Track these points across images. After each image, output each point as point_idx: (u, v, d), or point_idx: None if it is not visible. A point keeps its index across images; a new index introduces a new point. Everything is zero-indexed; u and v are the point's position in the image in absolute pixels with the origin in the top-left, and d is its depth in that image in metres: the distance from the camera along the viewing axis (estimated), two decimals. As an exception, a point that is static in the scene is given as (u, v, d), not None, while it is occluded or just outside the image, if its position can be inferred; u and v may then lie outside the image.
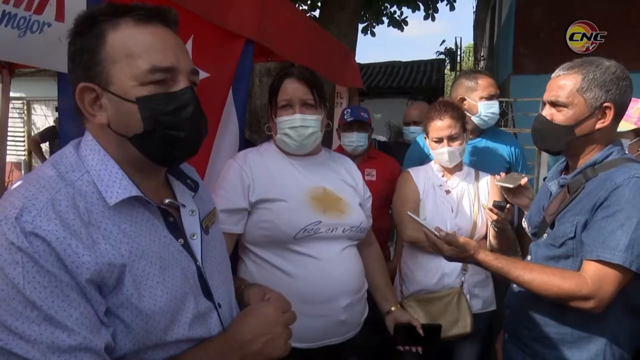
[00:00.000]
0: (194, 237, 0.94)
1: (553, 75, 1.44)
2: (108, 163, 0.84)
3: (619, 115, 1.38)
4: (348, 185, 1.68)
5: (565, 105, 1.38)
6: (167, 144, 0.86)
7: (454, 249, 1.48)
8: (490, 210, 1.82)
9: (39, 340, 0.69)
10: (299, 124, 1.53)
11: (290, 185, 1.54)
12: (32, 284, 0.69)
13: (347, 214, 1.57)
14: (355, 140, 2.61)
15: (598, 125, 1.37)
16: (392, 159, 2.82)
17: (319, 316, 1.48)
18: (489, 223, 1.94)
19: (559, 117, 1.40)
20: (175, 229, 0.91)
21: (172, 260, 0.86)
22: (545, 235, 1.46)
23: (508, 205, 1.82)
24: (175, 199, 0.95)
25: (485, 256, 1.44)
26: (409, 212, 1.59)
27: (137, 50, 0.82)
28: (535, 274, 1.33)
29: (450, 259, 1.53)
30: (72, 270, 0.73)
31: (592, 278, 1.26)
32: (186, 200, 0.97)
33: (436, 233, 1.50)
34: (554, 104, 1.41)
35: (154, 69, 0.83)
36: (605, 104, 1.35)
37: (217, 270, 0.98)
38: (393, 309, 1.74)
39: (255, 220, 1.51)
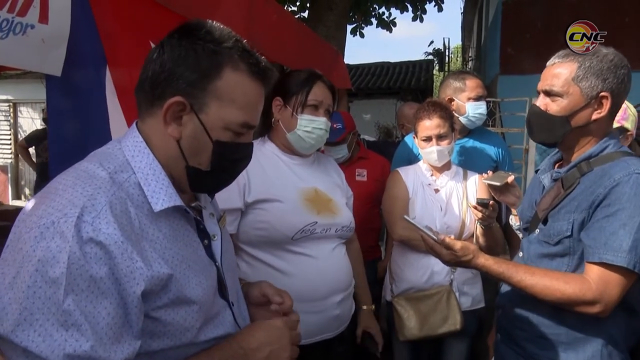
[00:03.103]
0: (215, 238, 0.98)
1: (548, 63, 1.38)
2: (156, 168, 0.86)
3: (616, 105, 1.32)
4: (336, 186, 1.71)
5: (559, 95, 1.32)
6: (215, 184, 0.95)
7: (452, 254, 1.42)
8: (475, 207, 1.84)
9: (62, 346, 0.68)
10: (324, 127, 1.59)
11: (285, 185, 1.56)
12: (71, 285, 0.69)
13: (339, 214, 1.61)
14: (333, 154, 2.54)
15: (594, 116, 1.31)
16: (383, 159, 2.81)
17: (314, 312, 1.50)
18: (476, 221, 1.96)
19: (554, 107, 1.34)
20: (202, 232, 0.94)
21: (202, 263, 0.90)
22: (537, 230, 1.41)
23: (492, 202, 1.83)
24: (198, 202, 0.99)
25: (485, 260, 1.38)
26: (405, 217, 1.58)
27: (241, 102, 0.87)
28: (538, 279, 1.27)
29: (448, 263, 1.48)
30: (126, 274, 0.73)
31: (596, 282, 1.20)
32: (206, 204, 1.01)
33: (434, 237, 1.46)
34: (548, 93, 1.35)
35: (246, 124, 0.89)
36: (602, 94, 1.28)
37: (230, 270, 1.03)
38: (365, 307, 1.81)
39: (250, 221, 1.52)
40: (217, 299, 0.94)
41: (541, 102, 1.38)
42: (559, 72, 1.33)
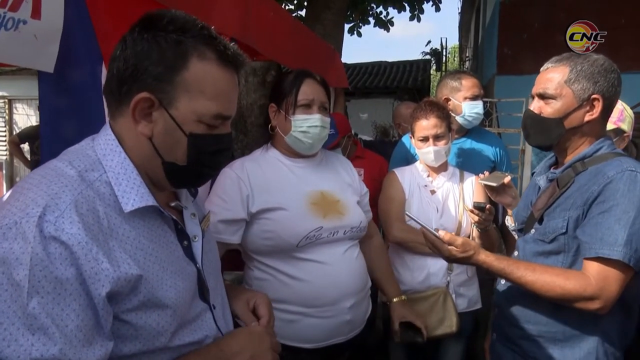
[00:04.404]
0: (196, 240, 0.95)
1: (542, 68, 1.43)
2: (128, 167, 0.83)
3: (608, 107, 1.37)
4: (346, 185, 1.69)
5: (553, 97, 1.37)
6: (196, 177, 0.91)
7: (452, 250, 1.44)
8: (471, 211, 1.84)
9: (28, 351, 0.66)
10: (319, 124, 1.56)
11: (289, 192, 1.54)
12: (36, 288, 0.67)
13: (347, 215, 1.59)
14: None
15: (587, 118, 1.35)
16: (381, 158, 2.80)
17: (324, 317, 1.50)
18: (472, 224, 1.95)
19: (548, 109, 1.38)
20: (181, 232, 0.92)
21: (178, 265, 0.88)
22: (533, 230, 1.44)
23: (488, 206, 1.83)
24: (179, 201, 0.97)
25: (486, 257, 1.40)
26: (407, 213, 1.58)
27: (212, 92, 0.83)
28: (538, 275, 1.29)
29: (449, 259, 1.49)
30: (91, 276, 0.71)
31: (596, 277, 1.22)
32: (187, 204, 0.98)
33: (435, 233, 1.47)
34: (542, 96, 1.40)
35: (219, 115, 0.85)
36: (594, 96, 1.33)
37: (212, 272, 1.00)
38: (395, 300, 1.77)
39: (257, 231, 1.51)
40: (196, 302, 0.91)
41: (535, 105, 1.42)
42: (552, 76, 1.38)
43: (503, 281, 1.51)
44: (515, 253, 1.52)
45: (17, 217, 0.70)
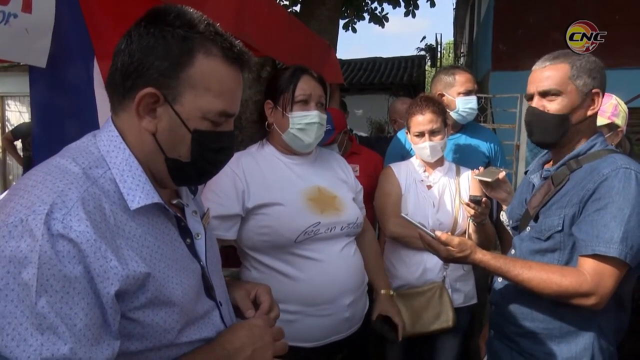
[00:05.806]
0: (199, 237, 0.95)
1: (536, 67, 1.44)
2: (132, 164, 0.82)
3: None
4: (342, 182, 1.69)
5: (558, 94, 1.37)
6: (198, 175, 0.90)
7: (449, 250, 1.44)
8: (467, 205, 1.84)
9: (38, 351, 0.65)
10: (317, 120, 1.55)
11: (286, 187, 1.54)
12: (44, 287, 0.66)
13: (343, 211, 1.59)
14: None
15: (589, 112, 1.38)
16: (376, 154, 2.80)
17: (323, 316, 1.50)
18: (468, 218, 1.96)
19: (554, 106, 1.38)
20: (184, 230, 0.91)
21: (183, 262, 0.87)
22: (528, 228, 1.45)
23: (484, 200, 1.83)
24: (180, 199, 0.96)
25: (482, 256, 1.41)
26: (403, 214, 1.58)
27: (217, 89, 0.83)
28: (535, 272, 1.31)
29: (446, 260, 1.50)
30: (99, 274, 0.70)
31: (591, 274, 1.24)
32: (189, 201, 0.98)
33: (432, 234, 1.48)
34: (545, 94, 1.40)
35: (224, 113, 0.85)
36: (594, 90, 1.37)
37: (215, 270, 1.00)
38: (383, 292, 1.76)
39: (253, 226, 1.50)
40: (203, 300, 0.91)
41: (537, 104, 1.42)
42: (553, 73, 1.39)
43: (500, 279, 1.52)
44: (512, 251, 1.53)
45: (22, 214, 0.68)
